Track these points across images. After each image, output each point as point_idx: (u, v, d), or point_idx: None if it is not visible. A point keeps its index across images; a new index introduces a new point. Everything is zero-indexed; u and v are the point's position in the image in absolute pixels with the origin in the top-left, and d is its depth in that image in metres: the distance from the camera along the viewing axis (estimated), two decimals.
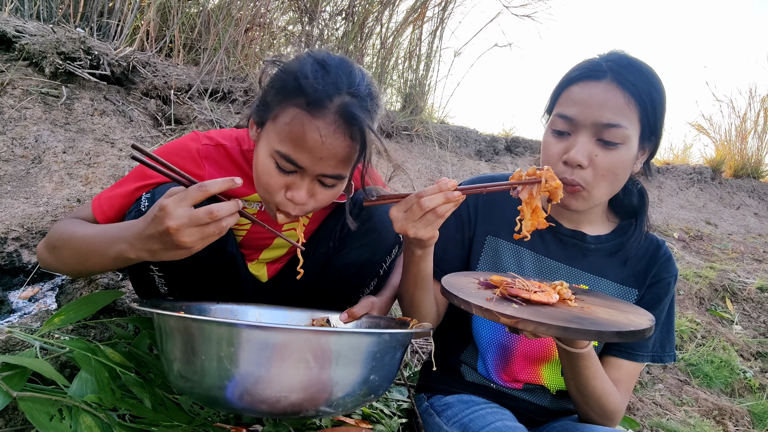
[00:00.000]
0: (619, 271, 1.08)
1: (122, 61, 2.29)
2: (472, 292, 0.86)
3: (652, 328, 0.77)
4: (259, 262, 1.24)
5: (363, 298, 1.12)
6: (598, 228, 1.10)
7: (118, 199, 1.01)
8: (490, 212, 1.13)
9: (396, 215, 0.88)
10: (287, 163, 0.91)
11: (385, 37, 3.65)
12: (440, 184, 0.85)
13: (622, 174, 0.97)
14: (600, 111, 0.92)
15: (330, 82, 0.88)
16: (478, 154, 3.96)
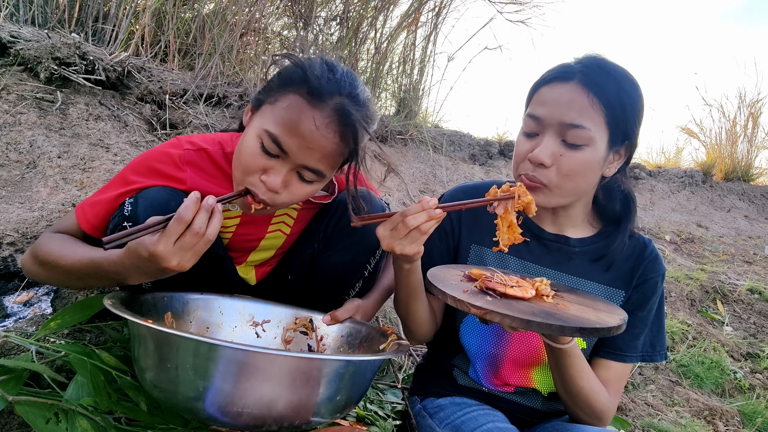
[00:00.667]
0: (604, 273, 1.10)
1: (117, 66, 2.30)
2: (452, 284, 0.90)
3: (620, 326, 0.80)
4: (248, 264, 1.25)
5: (348, 301, 1.14)
6: (581, 231, 1.12)
7: (102, 206, 1.02)
8: (473, 222, 1.15)
9: (383, 234, 0.90)
10: (273, 144, 0.93)
11: (380, 42, 3.68)
12: (422, 203, 0.88)
13: (587, 175, 0.99)
14: (565, 111, 0.94)
15: (334, 81, 0.93)
16: (472, 158, 3.99)
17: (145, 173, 1.03)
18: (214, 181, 1.09)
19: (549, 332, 0.76)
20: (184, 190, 1.04)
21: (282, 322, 1.13)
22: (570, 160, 0.96)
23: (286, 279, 1.26)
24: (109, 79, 2.27)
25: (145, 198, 0.97)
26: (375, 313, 1.21)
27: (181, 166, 1.05)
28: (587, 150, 0.96)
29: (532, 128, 0.99)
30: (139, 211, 0.95)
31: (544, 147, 0.96)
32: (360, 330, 1.09)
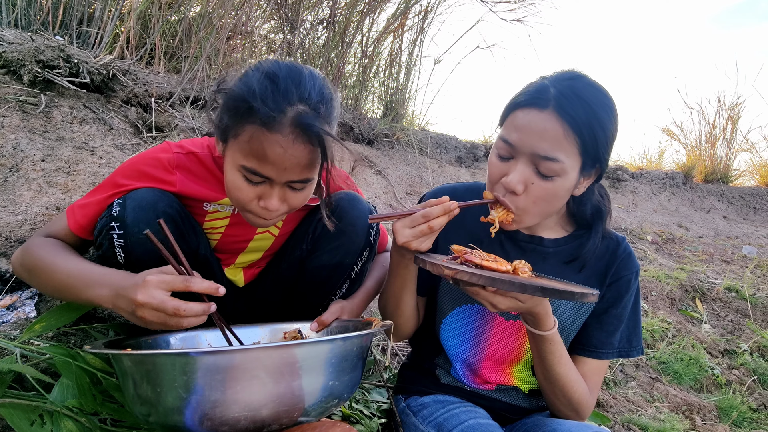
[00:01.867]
0: (578, 273, 1.13)
1: (102, 69, 2.29)
2: (436, 259, 0.94)
3: (587, 295, 0.83)
4: (236, 266, 1.26)
5: (333, 304, 1.16)
6: (555, 233, 1.15)
7: (91, 208, 1.04)
8: (453, 225, 1.17)
9: (401, 230, 0.94)
10: (254, 176, 0.95)
11: (366, 45, 3.71)
12: (445, 207, 0.94)
13: (556, 201, 1.00)
14: (538, 142, 0.93)
15: (280, 95, 0.91)
16: (458, 161, 4.04)
17: (134, 177, 1.05)
18: (204, 184, 1.11)
19: (512, 290, 0.81)
20: (174, 192, 1.06)
21: (272, 341, 1.13)
22: (540, 189, 0.96)
23: (274, 280, 1.27)
24: (94, 82, 2.27)
25: (133, 199, 0.99)
26: (361, 314, 1.23)
27: (171, 170, 1.07)
28: (558, 180, 0.96)
29: (505, 152, 0.98)
30: (127, 212, 0.97)
31: (516, 174, 0.96)
32: (347, 326, 1.11)
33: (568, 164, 0.94)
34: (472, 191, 1.20)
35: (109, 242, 0.98)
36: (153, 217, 0.97)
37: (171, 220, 1.01)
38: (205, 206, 1.14)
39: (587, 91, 0.95)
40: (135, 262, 0.97)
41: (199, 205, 1.13)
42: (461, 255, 0.94)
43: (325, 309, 1.19)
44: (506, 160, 0.99)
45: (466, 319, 1.15)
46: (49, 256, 0.97)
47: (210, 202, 1.13)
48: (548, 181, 0.96)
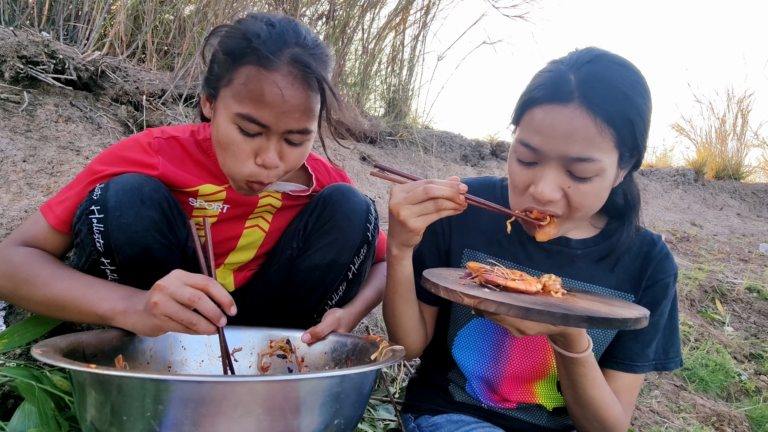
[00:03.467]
0: (611, 276, 1.01)
1: (90, 66, 2.18)
2: (449, 279, 0.80)
3: (640, 320, 0.70)
4: (226, 268, 1.15)
5: (328, 313, 1.04)
6: (583, 232, 1.03)
7: (71, 200, 0.94)
8: (464, 225, 1.06)
9: (397, 193, 0.84)
10: (251, 123, 0.89)
11: (367, 41, 3.59)
12: (452, 182, 0.82)
13: (599, 201, 0.88)
14: (567, 144, 0.79)
15: (277, 36, 0.89)
16: (463, 159, 3.91)
17: (114, 162, 0.97)
18: (187, 169, 1.03)
19: (551, 321, 0.65)
20: (156, 177, 0.97)
21: (255, 348, 1.00)
22: (580, 193, 0.83)
23: (265, 284, 1.15)
24: (81, 79, 2.16)
25: (117, 183, 0.89)
26: (357, 325, 1.11)
27: (152, 153, 0.98)
28: (597, 180, 0.83)
29: (528, 157, 0.85)
30: (109, 195, 0.87)
31: (547, 182, 0.83)
32: (345, 343, 0.98)
33: (606, 161, 0.81)
34: (486, 187, 1.08)
35: (87, 228, 0.87)
36: (138, 200, 0.88)
37: (157, 206, 0.91)
38: (191, 202, 1.04)
39: (613, 71, 0.82)
40: (116, 251, 0.87)
41: (184, 198, 1.02)
42: (479, 274, 0.81)
43: (320, 315, 1.07)
44: (530, 166, 0.86)
45: (483, 332, 1.02)
46: (44, 271, 0.88)
47: (194, 193, 1.03)
48: (586, 183, 0.83)
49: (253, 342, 1.00)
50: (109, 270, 0.88)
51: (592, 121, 0.78)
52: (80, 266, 0.91)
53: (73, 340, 0.79)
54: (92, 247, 0.87)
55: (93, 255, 0.87)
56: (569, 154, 0.80)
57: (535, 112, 0.83)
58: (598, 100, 0.78)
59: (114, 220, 0.86)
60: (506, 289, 0.75)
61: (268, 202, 1.11)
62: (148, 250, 0.88)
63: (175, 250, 0.94)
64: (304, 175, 1.16)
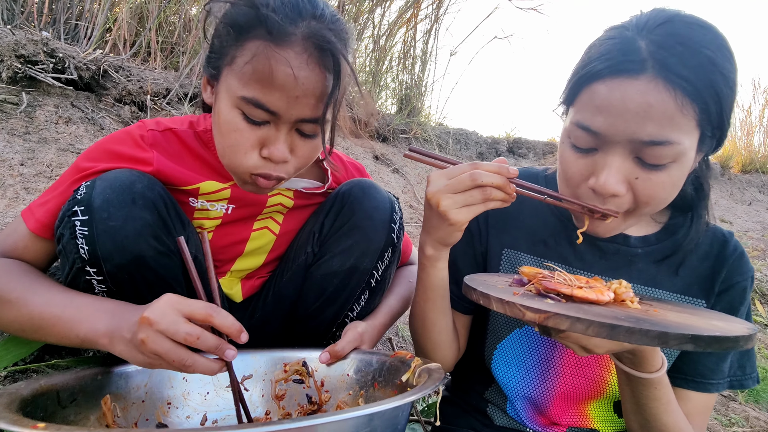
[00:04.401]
0: (676, 278, 0.87)
1: (91, 65, 2.08)
2: (497, 287, 0.66)
3: (751, 338, 0.55)
4: (232, 275, 1.02)
5: (348, 327, 0.91)
6: (644, 228, 0.89)
7: (53, 202, 0.83)
8: (503, 222, 0.92)
9: (436, 179, 0.72)
10: (257, 109, 0.76)
11: (378, 37, 3.47)
12: (500, 165, 0.70)
13: (673, 192, 0.73)
14: (639, 124, 0.66)
15: (290, 7, 0.75)
16: (479, 157, 3.77)
17: (102, 157, 0.85)
18: (185, 164, 0.90)
19: (644, 342, 0.50)
20: (151, 173, 0.85)
21: (268, 374, 0.87)
22: (651, 184, 0.70)
23: (276, 295, 1.03)
24: (83, 79, 2.06)
25: (105, 180, 0.77)
26: (381, 338, 0.98)
27: (145, 147, 0.86)
28: (673, 167, 0.69)
29: (586, 142, 0.71)
30: (95, 194, 0.75)
31: (612, 172, 0.69)
32: (370, 362, 0.84)
33: (686, 143, 0.67)
34: (528, 178, 0.94)
35: (70, 232, 0.75)
36: (128, 199, 0.75)
37: (152, 206, 0.78)
38: (191, 202, 0.92)
39: (693, 33, 0.67)
40: (102, 259, 0.74)
41: (183, 198, 0.91)
42: (536, 280, 0.66)
43: (339, 328, 0.95)
44: (589, 153, 0.72)
45: (528, 345, 0.88)
46: (20, 285, 0.76)
47: (194, 192, 0.91)
48: (659, 171, 0.69)
49: (264, 367, 0.86)
50: (95, 281, 0.76)
51: (670, 95, 0.64)
52: (64, 277, 0.79)
53: (43, 384, 0.65)
54: (75, 255, 0.75)
55: (77, 263, 0.75)
56: (640, 137, 0.66)
57: (596, 89, 0.69)
58: (678, 69, 0.64)
59: (100, 222, 0.73)
60: (571, 299, 0.62)
61: (278, 201, 0.98)
62: (140, 257, 0.76)
63: (173, 256, 0.82)
64: (317, 171, 1.03)
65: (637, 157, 0.69)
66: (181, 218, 0.87)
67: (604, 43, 0.71)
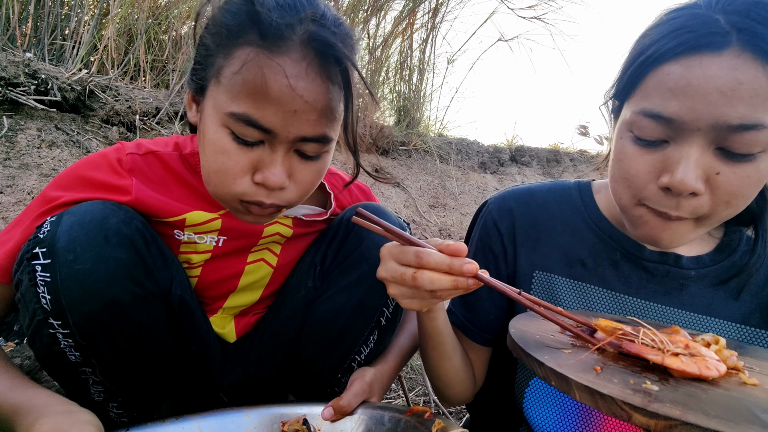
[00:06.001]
0: (733, 305, 0.76)
1: (76, 85, 2.00)
2: (554, 346, 0.53)
3: None
4: (224, 313, 0.91)
5: (356, 376, 0.80)
6: (697, 246, 0.78)
7: (16, 239, 0.72)
8: (534, 240, 0.82)
9: (385, 260, 0.63)
10: (248, 127, 0.65)
11: (374, 48, 3.40)
12: (451, 263, 0.56)
13: (755, 193, 0.63)
14: (727, 105, 0.56)
15: (287, 6, 0.64)
16: (482, 167, 3.68)
17: (73, 185, 0.74)
18: (170, 192, 0.79)
19: None
20: (129, 204, 0.74)
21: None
22: (735, 180, 0.59)
23: (273, 334, 0.91)
24: (68, 100, 1.98)
25: (73, 214, 0.66)
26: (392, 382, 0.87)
27: (123, 173, 0.75)
28: (763, 158, 0.59)
29: (655, 134, 0.61)
30: (60, 232, 0.64)
31: (690, 165, 0.59)
32: (381, 419, 0.72)
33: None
34: (557, 193, 0.84)
35: (29, 277, 0.64)
36: (100, 237, 0.65)
37: (128, 244, 0.67)
38: (177, 235, 0.81)
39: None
40: (68, 309, 0.63)
41: (168, 231, 0.80)
42: (614, 338, 0.51)
43: (345, 374, 0.83)
44: (657, 147, 0.62)
45: None
46: None
47: (180, 224, 0.79)
48: (746, 164, 0.58)
49: (260, 427, 0.74)
50: (61, 335, 0.65)
51: (763, 70, 0.55)
52: (25, 328, 0.68)
53: None
54: (36, 305, 0.64)
55: (38, 314, 0.64)
56: (729, 121, 0.56)
57: (669, 70, 0.59)
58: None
59: (65, 266, 0.62)
60: (664, 370, 0.47)
61: (275, 230, 0.87)
62: (114, 303, 0.65)
63: (155, 300, 0.71)
64: (319, 195, 0.92)
65: (718, 148, 0.59)
66: (164, 255, 0.76)
67: (670, 22, 0.62)
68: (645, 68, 0.62)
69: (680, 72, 0.58)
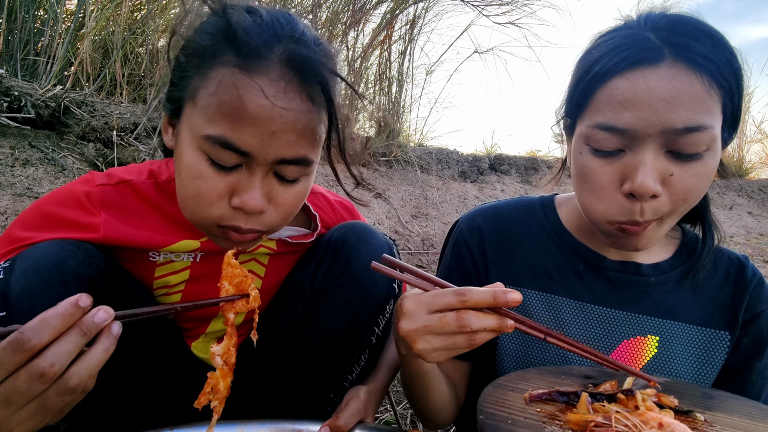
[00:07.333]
0: (695, 307, 0.79)
1: (51, 102, 1.97)
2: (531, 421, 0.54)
3: None
4: (207, 338, 0.90)
5: (351, 395, 0.79)
6: (656, 252, 0.82)
7: None
8: (503, 256, 0.85)
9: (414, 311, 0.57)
10: (225, 151, 0.63)
11: (353, 60, 3.43)
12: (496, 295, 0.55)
13: (706, 187, 0.68)
14: (671, 112, 0.62)
15: (266, 28, 0.63)
16: (462, 176, 3.72)
17: (38, 224, 0.71)
18: (145, 224, 0.76)
19: None
20: (96, 241, 0.71)
21: None
22: (688, 178, 0.64)
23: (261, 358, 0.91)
24: (42, 117, 1.94)
25: (26, 258, 0.63)
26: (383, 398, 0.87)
27: (92, 209, 0.72)
28: (708, 156, 0.64)
29: (612, 144, 0.66)
30: (13, 280, 0.61)
31: (647, 170, 0.63)
32: None
33: (717, 128, 0.64)
34: (522, 209, 0.87)
35: None
36: (57, 283, 0.62)
37: (90, 286, 0.65)
38: (151, 256, 0.79)
39: (694, 19, 0.66)
40: None
41: (142, 255, 0.78)
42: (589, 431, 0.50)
43: (337, 394, 0.83)
44: (615, 156, 0.66)
45: None
46: None
47: (157, 249, 0.78)
48: (695, 162, 0.64)
49: None
50: None
51: (696, 77, 0.61)
52: None
53: None
54: None
55: None
56: (674, 125, 0.62)
57: (615, 85, 0.64)
58: (698, 49, 0.61)
59: (20, 317, 0.57)
60: None
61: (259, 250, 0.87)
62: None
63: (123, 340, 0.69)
64: (303, 215, 0.91)
65: (668, 151, 0.64)
66: (131, 293, 0.74)
67: (607, 42, 0.68)
68: (593, 85, 0.67)
69: (626, 86, 0.63)
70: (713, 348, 0.78)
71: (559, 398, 0.59)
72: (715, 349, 0.78)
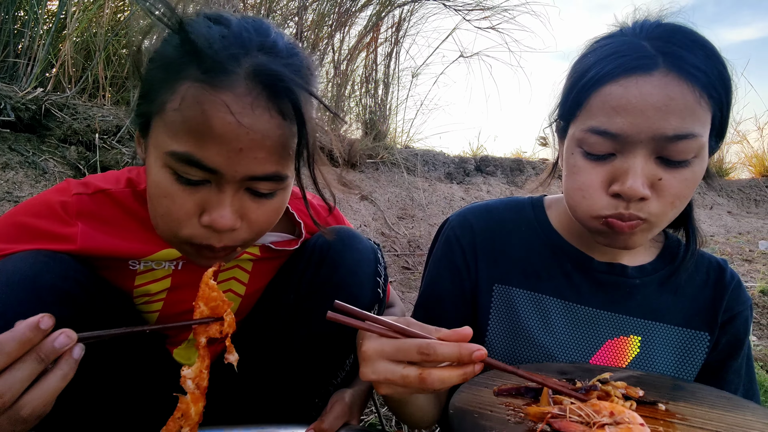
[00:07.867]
0: (676, 309, 0.82)
1: (31, 105, 1.93)
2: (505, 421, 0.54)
3: None
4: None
5: (335, 398, 0.80)
6: (641, 255, 0.84)
7: None
8: (493, 255, 0.86)
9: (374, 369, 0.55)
10: (190, 167, 0.61)
11: (339, 62, 3.43)
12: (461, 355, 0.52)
13: (692, 193, 0.71)
14: (662, 119, 0.63)
15: (233, 40, 0.60)
16: (448, 177, 3.75)
17: (12, 235, 0.68)
18: (126, 233, 0.75)
19: None
20: (73, 252, 0.69)
21: None
22: (675, 183, 0.66)
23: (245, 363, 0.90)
24: (23, 120, 1.91)
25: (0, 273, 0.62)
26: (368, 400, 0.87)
27: (68, 219, 0.70)
28: (696, 163, 0.66)
29: (603, 148, 0.68)
30: None
31: (637, 174, 0.65)
32: None
33: (705, 136, 0.66)
34: (513, 209, 0.89)
35: None
36: (32, 297, 0.60)
37: (67, 299, 0.64)
38: (131, 265, 0.78)
39: (688, 30, 0.68)
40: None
41: (121, 264, 0.77)
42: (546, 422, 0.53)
43: (322, 399, 0.83)
44: (606, 160, 0.68)
45: None
46: None
47: (137, 258, 0.77)
48: (684, 168, 0.66)
49: None
50: None
51: (687, 86, 0.63)
52: None
53: None
54: None
55: None
56: (665, 132, 0.64)
57: (609, 90, 0.66)
58: (691, 60, 0.63)
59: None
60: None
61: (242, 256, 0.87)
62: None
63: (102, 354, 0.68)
64: (286, 220, 0.91)
65: (658, 157, 0.66)
66: (110, 306, 0.72)
67: (602, 48, 0.69)
68: (587, 90, 0.68)
69: (620, 92, 0.65)
70: (693, 348, 0.80)
71: (527, 393, 0.61)
72: (695, 349, 0.80)
